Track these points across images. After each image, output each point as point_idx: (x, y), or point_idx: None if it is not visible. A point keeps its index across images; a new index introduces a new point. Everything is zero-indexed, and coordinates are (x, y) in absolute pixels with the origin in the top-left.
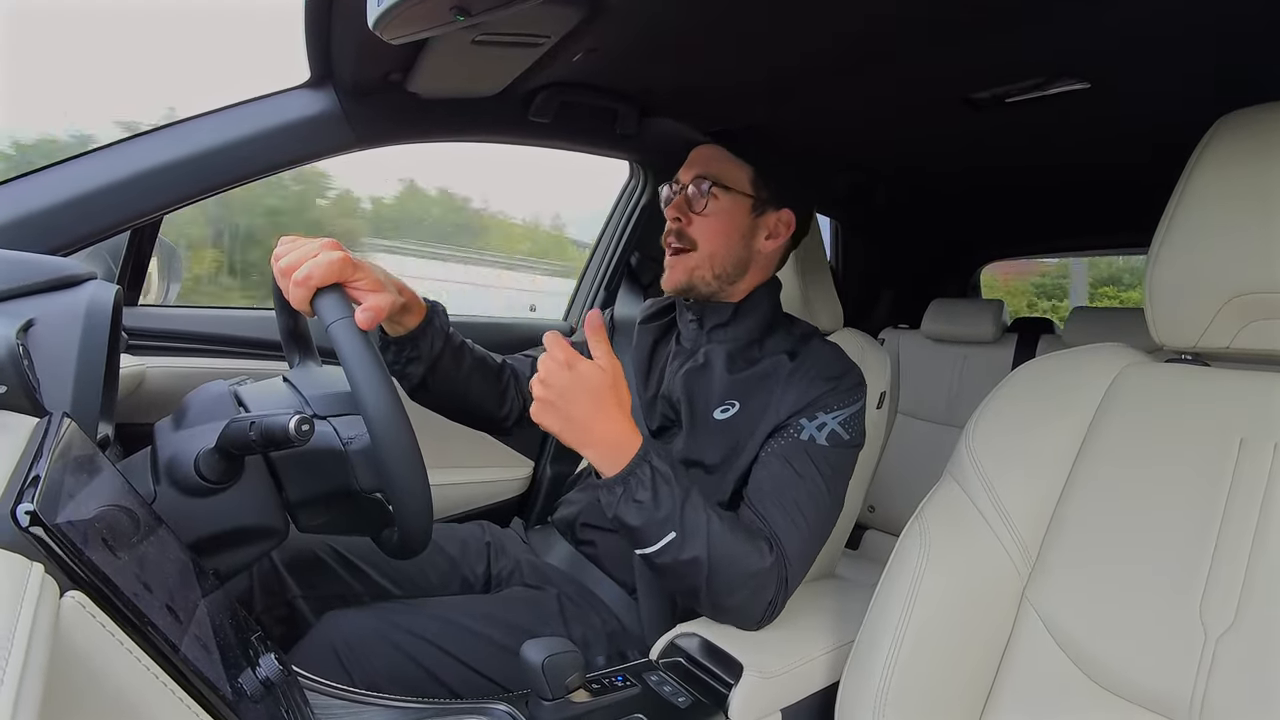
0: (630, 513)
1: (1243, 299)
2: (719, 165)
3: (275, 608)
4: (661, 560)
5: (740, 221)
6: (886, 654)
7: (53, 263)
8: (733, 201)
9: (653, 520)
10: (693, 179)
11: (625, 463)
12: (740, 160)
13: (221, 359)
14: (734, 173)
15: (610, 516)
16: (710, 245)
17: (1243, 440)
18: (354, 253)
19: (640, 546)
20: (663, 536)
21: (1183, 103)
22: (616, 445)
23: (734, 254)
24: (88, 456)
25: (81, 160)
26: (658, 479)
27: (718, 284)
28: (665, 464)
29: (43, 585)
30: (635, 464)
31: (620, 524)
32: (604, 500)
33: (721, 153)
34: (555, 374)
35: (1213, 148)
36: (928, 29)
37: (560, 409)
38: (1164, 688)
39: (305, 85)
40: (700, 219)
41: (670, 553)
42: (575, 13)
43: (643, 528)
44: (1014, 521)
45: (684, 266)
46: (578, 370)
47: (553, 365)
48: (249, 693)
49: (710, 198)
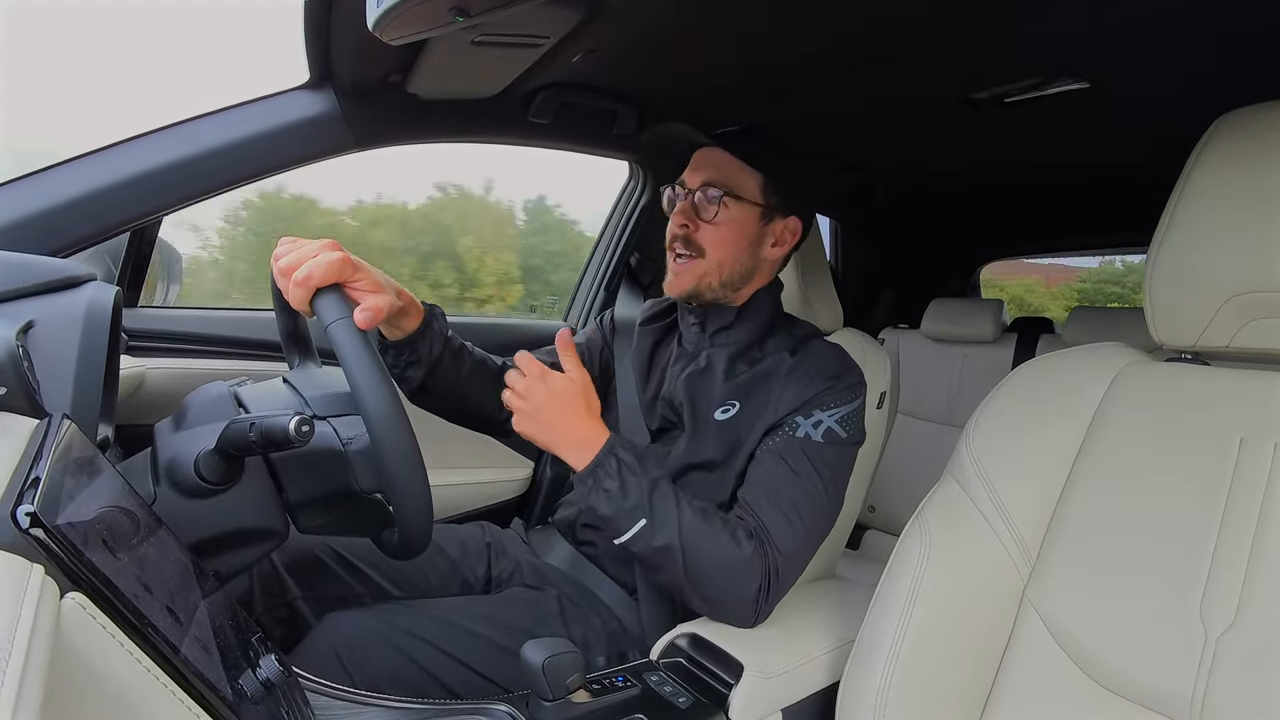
0: (601, 502)
1: (1242, 298)
2: (729, 173)
3: (275, 609)
4: (636, 548)
5: (749, 230)
6: (887, 653)
7: (52, 264)
8: (743, 211)
9: (622, 508)
10: (701, 185)
11: (594, 455)
12: (750, 167)
13: (221, 360)
14: (744, 181)
15: (584, 508)
16: (719, 254)
17: (1243, 439)
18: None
19: (615, 536)
20: (633, 524)
21: (1182, 102)
22: (585, 442)
23: (742, 262)
24: (88, 458)
25: (80, 162)
26: (624, 469)
27: (723, 290)
28: (631, 455)
29: (43, 587)
30: (602, 456)
31: (593, 514)
32: (578, 493)
33: (729, 159)
34: (531, 389)
35: (1212, 147)
36: (927, 29)
37: (536, 417)
38: (1164, 687)
39: (304, 86)
40: (709, 227)
41: (643, 540)
42: (574, 14)
43: (613, 516)
44: (1014, 521)
45: (691, 273)
46: (550, 383)
47: (528, 381)
48: (249, 694)
49: (721, 207)
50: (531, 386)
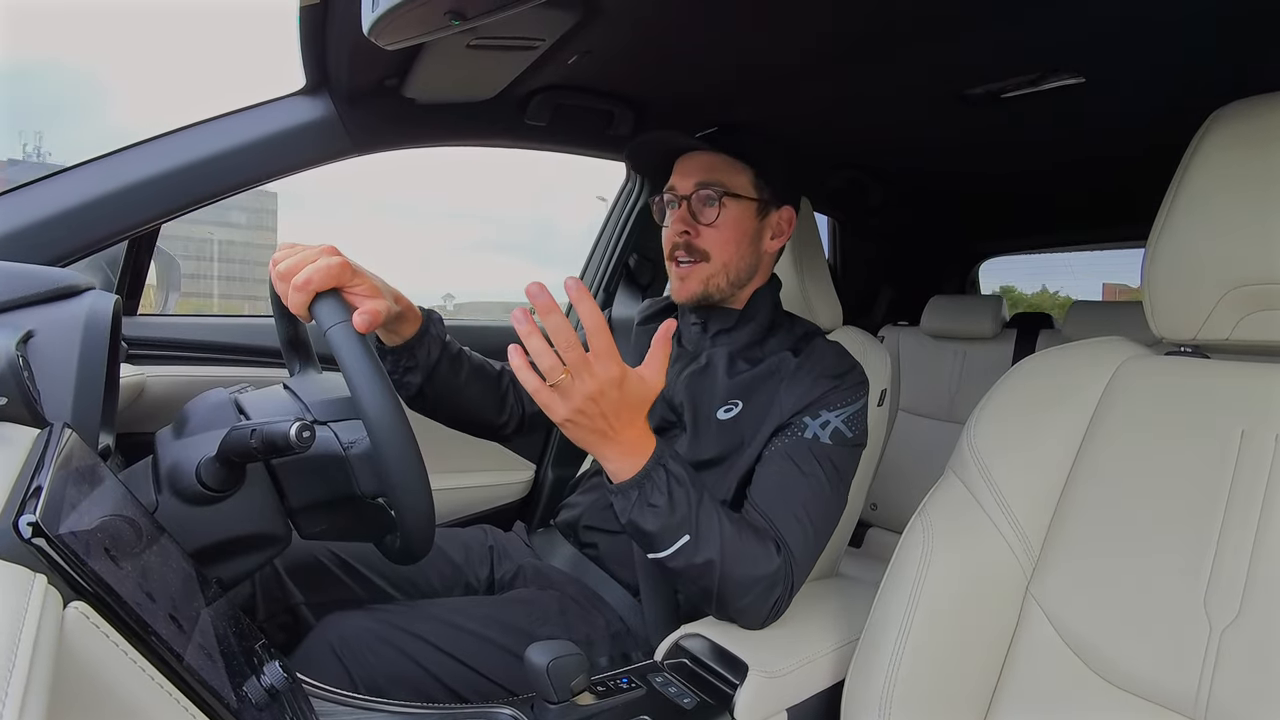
0: (646, 517)
1: (1241, 290)
2: (721, 172)
3: (278, 615)
4: (674, 564)
5: (749, 227)
6: (891, 651)
7: (51, 274)
8: (741, 208)
9: (668, 525)
10: (695, 188)
11: (640, 466)
12: (740, 163)
13: (221, 367)
14: (737, 177)
15: (624, 521)
16: (724, 255)
17: (1244, 432)
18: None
19: (653, 551)
20: (677, 540)
21: (1179, 95)
22: (634, 450)
23: (746, 260)
24: (89, 467)
25: (77, 171)
26: (673, 482)
27: (731, 290)
28: (680, 466)
29: (46, 596)
30: (651, 467)
31: (634, 529)
32: (617, 505)
33: (716, 158)
34: (604, 394)
35: (1209, 140)
36: (923, 24)
37: (598, 425)
38: (1169, 681)
39: (301, 92)
40: (710, 230)
41: (684, 556)
42: (570, 16)
43: (657, 532)
44: (1016, 516)
45: (699, 278)
46: (626, 390)
47: (601, 383)
48: (254, 700)
49: (720, 207)
50: (607, 392)
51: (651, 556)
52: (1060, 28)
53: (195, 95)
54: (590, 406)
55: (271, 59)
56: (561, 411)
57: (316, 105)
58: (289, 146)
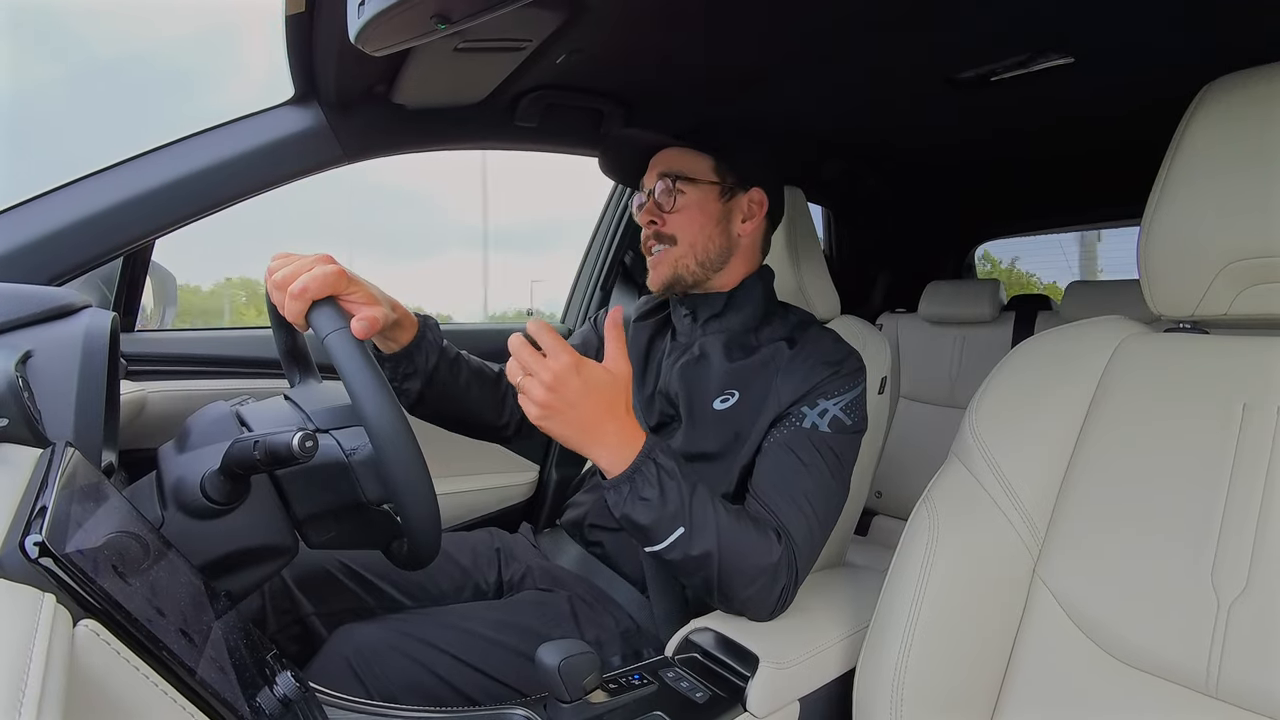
0: (638, 511)
1: (1238, 265)
2: (679, 161)
3: (289, 626)
4: (671, 556)
5: (712, 209)
6: (901, 637)
7: (47, 293)
8: (700, 192)
9: (661, 517)
10: (657, 179)
11: (630, 461)
12: (699, 152)
13: (221, 380)
14: (695, 164)
15: (618, 516)
16: (688, 236)
17: (1245, 405)
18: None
19: (649, 544)
20: (671, 532)
21: (1168, 71)
22: (622, 445)
23: (714, 241)
24: (93, 484)
25: (70, 189)
26: (663, 475)
27: (703, 272)
28: (670, 459)
29: (55, 615)
30: (640, 461)
31: (628, 523)
32: (611, 500)
33: (677, 150)
34: (564, 381)
35: (1200, 114)
36: (913, 9)
37: (565, 415)
38: (1179, 657)
39: (290, 102)
40: (673, 215)
41: (680, 548)
42: (557, 15)
43: (651, 525)
44: (1021, 499)
45: (667, 261)
46: (586, 375)
47: (559, 371)
48: (268, 711)
49: (678, 193)
50: (563, 378)
51: (649, 550)
52: (1048, 8)
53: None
54: (552, 398)
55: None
56: (532, 409)
57: (306, 114)
58: (280, 157)
